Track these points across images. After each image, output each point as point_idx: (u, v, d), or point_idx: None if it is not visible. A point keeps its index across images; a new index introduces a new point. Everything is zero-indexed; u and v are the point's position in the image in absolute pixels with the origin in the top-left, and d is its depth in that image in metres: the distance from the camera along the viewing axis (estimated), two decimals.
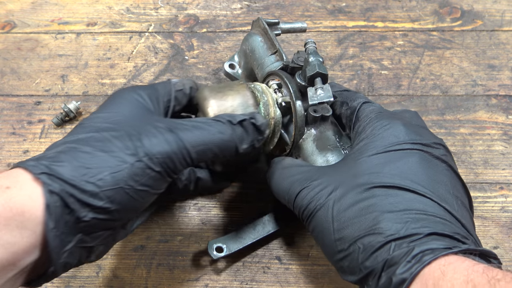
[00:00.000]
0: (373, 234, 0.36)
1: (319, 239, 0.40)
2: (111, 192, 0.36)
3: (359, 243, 0.36)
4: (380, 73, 0.67)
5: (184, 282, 0.51)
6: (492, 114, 0.63)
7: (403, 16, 0.73)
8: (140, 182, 0.38)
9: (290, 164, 0.46)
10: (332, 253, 0.39)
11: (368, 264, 0.35)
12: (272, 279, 0.51)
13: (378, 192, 0.38)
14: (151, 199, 0.41)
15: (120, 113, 0.42)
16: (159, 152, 0.38)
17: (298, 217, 0.43)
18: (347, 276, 0.38)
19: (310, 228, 0.41)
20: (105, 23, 0.74)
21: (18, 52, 0.70)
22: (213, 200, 0.56)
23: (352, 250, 0.36)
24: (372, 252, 0.35)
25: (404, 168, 0.39)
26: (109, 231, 0.39)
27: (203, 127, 0.42)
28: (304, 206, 0.41)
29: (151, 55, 0.70)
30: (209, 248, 0.48)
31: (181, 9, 0.75)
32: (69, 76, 0.68)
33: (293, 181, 0.43)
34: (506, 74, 0.66)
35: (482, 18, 0.72)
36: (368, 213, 0.37)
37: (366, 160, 0.41)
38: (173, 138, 0.39)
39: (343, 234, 0.37)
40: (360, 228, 0.37)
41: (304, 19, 0.73)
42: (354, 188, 0.39)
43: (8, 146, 0.61)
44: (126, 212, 0.39)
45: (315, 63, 0.46)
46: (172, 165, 0.39)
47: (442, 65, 0.68)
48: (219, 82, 0.67)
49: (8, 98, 0.66)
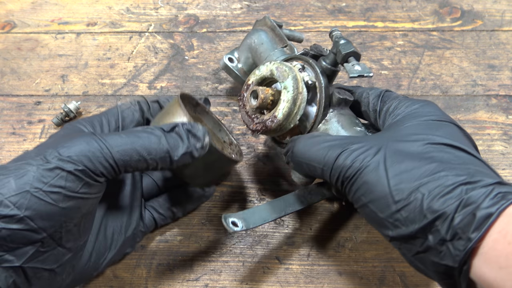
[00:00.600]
0: (438, 180, 0.35)
1: (366, 196, 0.38)
2: (16, 198, 0.35)
3: (422, 189, 0.35)
4: (380, 73, 0.67)
5: (184, 282, 0.51)
6: (492, 114, 0.63)
7: (403, 16, 0.73)
8: (49, 184, 0.37)
9: (319, 134, 0.46)
10: (385, 207, 0.37)
11: (437, 207, 0.34)
12: (272, 279, 0.51)
13: (432, 148, 0.38)
14: (76, 204, 0.38)
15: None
16: (74, 151, 0.38)
17: (333, 183, 0.41)
18: (401, 229, 0.36)
19: (355, 187, 0.39)
20: (105, 23, 0.73)
21: (18, 52, 0.70)
22: (213, 200, 0.56)
23: (414, 198, 0.35)
24: (441, 196, 0.34)
25: (450, 133, 0.40)
26: (34, 246, 0.37)
27: (133, 131, 0.42)
28: (347, 165, 0.39)
29: (151, 55, 0.70)
30: (224, 221, 0.44)
31: (181, 9, 0.75)
32: (69, 76, 0.68)
33: (329, 146, 0.42)
34: (506, 74, 0.66)
35: (482, 18, 0.72)
36: (426, 164, 0.36)
37: (411, 126, 0.41)
38: (94, 139, 0.39)
39: (400, 185, 0.36)
40: (421, 177, 0.36)
41: (304, 19, 0.73)
42: (405, 146, 0.39)
43: (8, 146, 0.61)
44: (44, 219, 0.37)
45: (349, 44, 0.47)
46: (90, 164, 0.38)
47: (442, 65, 0.68)
48: (219, 82, 0.67)
49: (8, 98, 0.66)
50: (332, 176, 0.41)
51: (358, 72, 0.45)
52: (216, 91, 0.66)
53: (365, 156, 0.39)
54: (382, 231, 0.38)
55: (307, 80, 0.47)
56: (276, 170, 0.58)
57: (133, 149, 0.40)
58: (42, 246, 0.38)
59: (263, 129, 0.47)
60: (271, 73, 0.48)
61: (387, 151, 0.38)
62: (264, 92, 0.46)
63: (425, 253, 0.35)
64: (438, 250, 0.34)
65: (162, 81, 0.67)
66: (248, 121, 0.49)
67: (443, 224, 0.33)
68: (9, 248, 0.36)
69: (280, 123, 0.46)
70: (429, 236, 0.34)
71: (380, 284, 0.50)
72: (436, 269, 0.35)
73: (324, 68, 0.49)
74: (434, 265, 0.35)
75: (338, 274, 0.51)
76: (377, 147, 0.39)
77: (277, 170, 0.58)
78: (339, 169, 0.40)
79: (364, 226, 0.54)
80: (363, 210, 0.39)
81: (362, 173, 0.38)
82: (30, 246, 0.37)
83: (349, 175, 0.39)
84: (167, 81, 0.67)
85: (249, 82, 0.49)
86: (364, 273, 0.51)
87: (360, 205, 0.39)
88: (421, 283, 0.50)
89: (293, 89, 0.45)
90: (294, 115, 0.46)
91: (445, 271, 0.34)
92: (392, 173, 0.37)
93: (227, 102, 0.65)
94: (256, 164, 0.59)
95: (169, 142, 0.42)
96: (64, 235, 0.39)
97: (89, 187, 0.39)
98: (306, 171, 0.44)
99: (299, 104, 0.46)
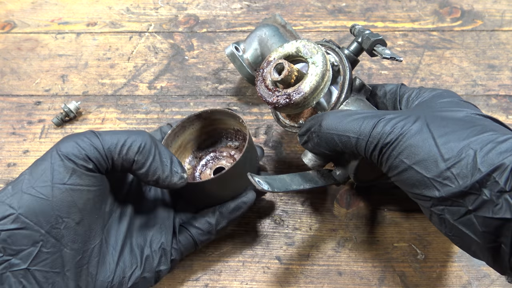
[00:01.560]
0: (488, 137, 0.35)
1: (411, 158, 0.38)
2: (11, 199, 0.38)
3: (473, 146, 0.35)
4: (380, 73, 0.67)
5: (184, 282, 0.51)
6: (492, 114, 0.63)
7: (403, 16, 0.73)
8: (38, 179, 0.39)
9: (348, 108, 0.46)
10: (434, 166, 0.37)
11: (494, 160, 0.34)
12: (272, 279, 0.51)
13: (471, 116, 0.39)
14: (67, 197, 0.39)
15: None
16: (62, 144, 0.40)
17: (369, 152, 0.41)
18: (451, 187, 0.36)
19: (396, 152, 0.39)
20: (105, 23, 0.73)
21: (18, 52, 0.70)
22: None
23: (465, 155, 0.35)
24: (495, 150, 0.34)
25: (477, 110, 0.41)
26: (35, 247, 0.38)
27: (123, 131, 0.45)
28: (387, 132, 0.39)
29: (151, 55, 0.70)
30: (251, 178, 0.43)
31: (181, 9, 0.75)
32: (69, 76, 0.68)
33: (364, 117, 0.42)
34: (506, 74, 0.66)
35: (482, 18, 0.72)
36: (471, 126, 0.37)
37: (442, 103, 0.42)
38: (83, 133, 0.42)
39: (448, 144, 0.36)
40: (469, 136, 0.36)
41: (304, 19, 0.73)
42: (444, 114, 0.40)
43: (8, 146, 0.61)
44: (37, 214, 0.38)
45: (375, 33, 0.50)
46: (75, 151, 0.40)
47: (442, 65, 0.68)
48: (219, 82, 0.67)
49: (8, 98, 0.66)
50: (369, 144, 0.40)
51: (390, 54, 0.48)
52: (216, 91, 0.66)
53: (405, 123, 0.39)
54: (427, 193, 0.37)
55: (332, 61, 0.48)
56: (276, 170, 0.58)
57: (121, 141, 0.42)
58: (44, 246, 0.38)
59: (286, 101, 0.46)
60: (296, 50, 0.47)
61: (427, 118, 0.39)
62: (290, 66, 0.46)
63: (476, 211, 0.35)
64: (494, 203, 0.34)
65: (162, 81, 0.67)
66: (268, 94, 0.47)
67: (501, 175, 0.33)
68: (13, 251, 0.37)
69: (305, 96, 0.45)
70: (483, 190, 0.34)
71: (380, 284, 0.50)
72: (486, 229, 0.34)
73: (347, 55, 0.50)
74: (484, 224, 0.34)
75: (338, 274, 0.51)
76: (415, 116, 0.39)
77: (277, 170, 0.58)
78: (378, 136, 0.40)
79: (364, 226, 0.54)
80: (403, 175, 0.39)
81: (405, 137, 0.38)
82: (32, 247, 0.37)
83: (390, 141, 0.39)
84: (167, 81, 0.67)
85: (270, 58, 0.49)
86: (364, 273, 0.51)
87: (401, 169, 0.39)
88: (421, 283, 0.50)
89: (322, 64, 0.45)
90: (319, 91, 0.46)
91: (497, 228, 0.34)
92: (438, 134, 0.37)
93: (227, 102, 0.65)
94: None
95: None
96: (66, 234, 0.39)
97: (79, 177, 0.40)
98: (334, 146, 0.44)
99: (326, 80, 0.46)
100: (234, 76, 0.67)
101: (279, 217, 0.54)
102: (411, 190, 0.39)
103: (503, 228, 0.33)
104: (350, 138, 0.42)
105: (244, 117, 0.63)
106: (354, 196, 0.56)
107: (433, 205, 0.37)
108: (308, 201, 0.55)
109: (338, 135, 0.43)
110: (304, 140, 0.47)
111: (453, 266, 0.51)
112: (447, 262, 0.51)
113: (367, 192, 0.56)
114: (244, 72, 0.60)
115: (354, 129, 0.41)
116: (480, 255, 0.37)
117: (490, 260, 0.36)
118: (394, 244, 0.52)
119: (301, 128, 0.48)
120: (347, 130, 0.42)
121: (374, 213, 0.54)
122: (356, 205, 0.55)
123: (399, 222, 0.54)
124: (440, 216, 0.37)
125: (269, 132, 0.61)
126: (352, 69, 0.50)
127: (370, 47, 0.50)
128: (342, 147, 0.43)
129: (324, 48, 0.51)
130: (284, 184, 0.46)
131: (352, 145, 0.42)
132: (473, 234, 0.35)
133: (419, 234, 0.53)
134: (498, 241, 0.34)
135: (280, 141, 0.61)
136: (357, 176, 0.48)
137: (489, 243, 0.35)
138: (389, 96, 0.49)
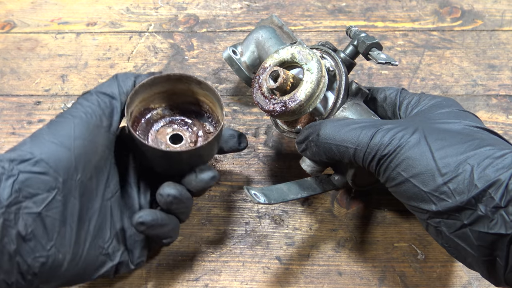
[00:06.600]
0: (485, 152, 0.36)
1: (408, 171, 0.38)
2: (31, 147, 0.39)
3: (470, 161, 0.36)
4: (380, 73, 0.67)
5: (184, 282, 0.51)
6: (492, 114, 0.63)
7: (403, 16, 0.73)
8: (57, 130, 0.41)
9: (345, 117, 0.46)
10: (431, 180, 0.37)
11: (490, 176, 0.34)
12: (272, 279, 0.51)
13: (469, 129, 0.39)
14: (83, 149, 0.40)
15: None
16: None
17: (367, 162, 0.41)
18: (447, 202, 0.36)
19: (393, 164, 0.39)
20: (105, 23, 0.73)
21: (18, 52, 0.70)
22: (213, 200, 0.56)
23: (462, 170, 0.35)
24: (492, 166, 0.35)
25: (478, 121, 0.42)
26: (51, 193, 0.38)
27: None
28: (385, 143, 0.39)
29: (151, 55, 0.70)
30: (247, 192, 0.43)
31: (181, 9, 0.75)
32: (69, 76, 0.68)
33: (362, 126, 0.42)
34: (506, 74, 0.66)
35: (482, 18, 0.72)
36: (469, 140, 0.37)
37: (441, 113, 0.42)
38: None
39: (446, 159, 0.36)
40: (466, 150, 0.36)
41: (304, 19, 0.73)
42: (443, 126, 0.40)
43: (8, 146, 0.61)
44: (57, 162, 0.39)
45: (371, 36, 0.49)
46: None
47: (442, 65, 0.68)
48: (219, 82, 0.67)
49: (8, 98, 0.66)
50: (367, 155, 0.40)
51: (385, 59, 0.47)
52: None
53: (403, 134, 0.39)
54: (423, 206, 0.38)
55: (328, 66, 0.48)
56: (276, 170, 0.58)
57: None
58: (58, 194, 0.39)
59: (282, 109, 0.46)
60: (291, 56, 0.47)
61: (425, 130, 0.39)
62: (285, 73, 0.46)
63: (471, 226, 0.35)
64: (490, 219, 0.34)
65: None
66: (264, 102, 0.47)
67: (497, 191, 0.34)
68: (29, 194, 0.37)
69: (301, 104, 0.45)
70: (479, 205, 0.34)
71: (380, 284, 0.50)
72: (481, 243, 0.35)
73: (343, 59, 0.50)
74: (479, 238, 0.35)
75: (338, 274, 0.51)
76: (414, 127, 0.39)
77: (277, 170, 0.58)
78: (375, 147, 0.40)
79: (364, 226, 0.54)
80: (401, 187, 0.39)
81: (403, 149, 0.38)
82: (48, 193, 0.38)
83: (388, 152, 0.39)
84: None
85: (265, 65, 0.49)
86: (364, 273, 0.50)
87: (398, 182, 0.39)
88: (421, 283, 0.50)
89: (317, 71, 0.45)
90: (315, 98, 0.46)
91: (492, 243, 0.34)
92: (435, 147, 0.37)
93: (227, 102, 0.65)
94: (256, 164, 0.59)
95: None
96: (78, 187, 0.40)
97: (95, 134, 0.42)
98: (332, 155, 0.44)
99: (321, 87, 0.46)
100: (234, 76, 0.67)
101: (279, 217, 0.54)
102: (408, 202, 0.39)
103: (498, 242, 0.34)
104: (348, 148, 0.42)
105: (244, 117, 0.63)
106: (354, 196, 0.56)
107: (429, 218, 0.38)
108: (308, 201, 0.55)
109: (336, 145, 0.43)
110: (302, 148, 0.47)
111: (453, 266, 0.51)
112: (447, 262, 0.51)
113: (366, 192, 0.56)
114: (242, 75, 0.60)
115: (352, 140, 0.41)
116: (476, 267, 0.37)
117: (485, 273, 0.36)
118: (394, 244, 0.52)
119: (299, 135, 0.48)
120: (345, 140, 0.42)
121: (374, 213, 0.54)
122: (356, 205, 0.55)
123: (399, 222, 0.54)
124: (437, 228, 0.38)
125: (269, 132, 0.61)
126: (348, 72, 0.50)
127: (365, 51, 0.49)
128: (340, 157, 0.43)
129: (319, 52, 0.50)
130: (282, 195, 0.47)
131: (350, 155, 0.42)
132: (468, 247, 0.36)
133: (419, 234, 0.53)
134: (493, 254, 0.34)
135: (280, 141, 0.61)
136: (355, 182, 0.48)
137: (484, 257, 0.35)
138: (389, 101, 0.49)
